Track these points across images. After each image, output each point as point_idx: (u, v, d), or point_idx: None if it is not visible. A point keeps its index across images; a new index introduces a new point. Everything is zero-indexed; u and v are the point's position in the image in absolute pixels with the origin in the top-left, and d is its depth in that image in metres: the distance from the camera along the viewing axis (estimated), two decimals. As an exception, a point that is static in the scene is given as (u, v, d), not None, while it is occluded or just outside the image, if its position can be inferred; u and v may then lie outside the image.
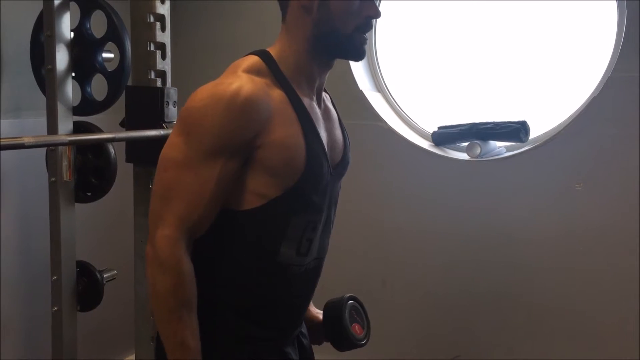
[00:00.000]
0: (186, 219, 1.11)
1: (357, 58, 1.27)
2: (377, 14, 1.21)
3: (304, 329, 1.42)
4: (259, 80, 1.14)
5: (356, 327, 1.42)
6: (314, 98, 1.27)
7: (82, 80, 2.03)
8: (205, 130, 1.10)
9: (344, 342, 1.40)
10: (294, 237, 1.20)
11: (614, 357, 2.21)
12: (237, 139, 1.11)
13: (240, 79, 1.13)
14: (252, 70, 1.16)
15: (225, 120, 1.09)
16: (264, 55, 1.21)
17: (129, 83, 1.94)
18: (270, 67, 1.19)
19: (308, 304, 1.38)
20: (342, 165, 1.33)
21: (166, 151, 1.15)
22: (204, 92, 1.12)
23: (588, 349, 2.27)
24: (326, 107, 1.34)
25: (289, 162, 1.15)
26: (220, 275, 1.21)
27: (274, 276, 1.22)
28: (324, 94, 1.34)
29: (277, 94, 1.17)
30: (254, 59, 1.20)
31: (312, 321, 1.47)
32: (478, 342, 2.49)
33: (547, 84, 2.53)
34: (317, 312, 1.49)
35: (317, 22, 1.19)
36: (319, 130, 1.23)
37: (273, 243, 1.19)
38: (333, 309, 1.43)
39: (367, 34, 1.24)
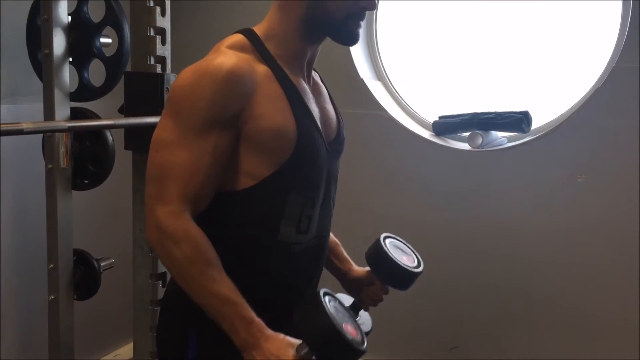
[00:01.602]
0: (186, 193, 1.10)
1: (350, 43, 1.24)
2: (373, 6, 1.20)
3: None
4: (242, 56, 1.14)
5: (404, 259, 1.41)
6: (304, 74, 1.25)
7: (80, 65, 2.00)
8: (193, 107, 1.10)
9: (402, 277, 1.38)
10: (293, 215, 1.19)
11: (613, 351, 2.21)
12: (224, 111, 1.10)
13: (222, 54, 1.13)
14: (235, 47, 1.17)
15: (211, 94, 1.09)
16: (248, 33, 1.21)
17: (128, 69, 1.91)
18: (255, 44, 1.18)
19: (312, 285, 1.34)
20: (337, 141, 1.31)
21: (157, 133, 1.14)
22: (188, 72, 1.12)
23: (586, 342, 2.26)
24: (315, 82, 1.32)
25: (278, 137, 1.14)
26: (221, 258, 1.18)
27: (275, 255, 1.21)
28: (313, 72, 1.32)
29: (261, 69, 1.16)
30: (237, 37, 1.20)
31: (361, 278, 1.47)
32: (476, 333, 2.48)
33: (549, 74, 2.51)
34: (362, 269, 1.49)
35: (311, 4, 1.17)
36: (310, 105, 1.21)
37: (272, 222, 1.18)
38: (374, 254, 1.40)
39: (362, 21, 1.21)
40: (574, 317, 2.29)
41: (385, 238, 1.44)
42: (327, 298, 1.10)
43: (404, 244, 1.50)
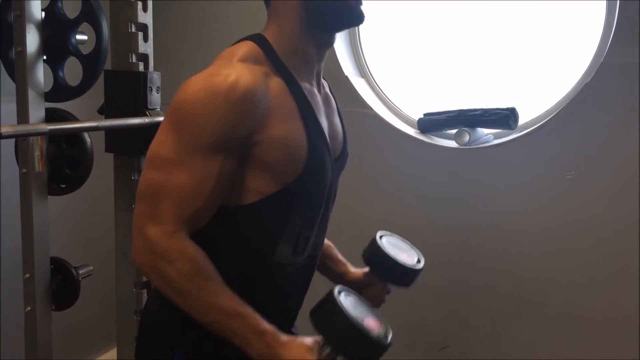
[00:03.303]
0: (183, 214, 1.02)
1: (358, 21, 1.17)
2: None
3: (295, 330, 1.34)
4: (257, 70, 1.06)
5: (404, 256, 1.37)
6: (314, 83, 1.19)
7: (54, 63, 1.90)
8: (200, 127, 1.01)
9: (404, 275, 1.36)
10: (291, 235, 1.13)
11: (604, 351, 2.20)
12: (233, 136, 1.02)
13: (237, 70, 1.04)
14: (249, 59, 1.08)
15: (222, 116, 1.00)
16: (260, 40, 1.12)
17: (107, 67, 1.82)
18: (268, 54, 1.10)
19: (301, 303, 1.30)
20: (342, 157, 1.27)
21: (156, 149, 1.04)
22: (197, 84, 1.03)
23: (577, 342, 2.26)
24: (326, 93, 1.26)
25: (289, 159, 1.08)
26: None
27: (268, 276, 1.15)
28: (322, 80, 1.26)
29: (276, 83, 1.08)
30: (250, 46, 1.11)
31: (360, 280, 1.42)
32: (466, 334, 2.46)
33: (533, 70, 2.50)
34: (359, 270, 1.45)
35: (305, 2, 1.11)
36: (321, 120, 1.15)
37: (269, 241, 1.12)
38: (373, 255, 1.36)
39: None
40: (565, 316, 2.28)
41: (381, 237, 1.40)
42: (342, 295, 1.05)
43: (401, 240, 1.45)
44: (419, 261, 1.40)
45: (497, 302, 2.39)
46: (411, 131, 2.55)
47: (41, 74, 1.80)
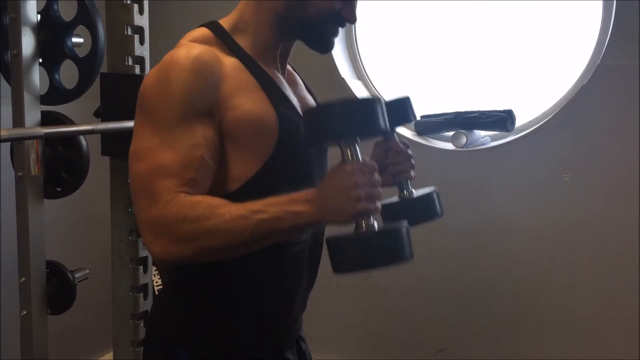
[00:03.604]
0: (177, 186, 0.97)
1: (324, 50, 1.15)
2: (353, 19, 1.12)
3: (302, 333, 1.33)
4: (206, 47, 1.06)
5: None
6: (278, 67, 1.17)
7: (50, 66, 1.88)
8: (166, 102, 1.00)
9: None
10: None
11: (601, 350, 2.20)
12: (200, 99, 1.01)
13: (184, 47, 1.05)
14: (197, 40, 1.08)
15: (182, 84, 1.00)
16: (212, 26, 1.13)
17: (104, 70, 1.81)
18: (220, 37, 1.10)
19: (307, 293, 1.26)
20: None
21: (134, 144, 1.02)
22: (152, 71, 1.05)
23: (575, 341, 2.26)
24: (290, 72, 1.25)
25: (258, 127, 1.05)
26: (210, 265, 1.07)
27: (270, 258, 1.10)
28: (288, 66, 1.24)
29: (229, 60, 1.07)
30: (200, 30, 1.12)
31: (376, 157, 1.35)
32: (463, 335, 2.46)
33: (531, 71, 2.50)
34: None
35: (290, 3, 1.10)
36: (287, 93, 1.13)
37: None
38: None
39: (340, 28, 1.14)
40: (562, 316, 2.28)
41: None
42: None
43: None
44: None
45: (495, 302, 2.39)
46: (408, 133, 2.55)
47: (37, 77, 1.79)
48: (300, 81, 1.27)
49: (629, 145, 2.11)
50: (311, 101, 1.25)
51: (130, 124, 1.68)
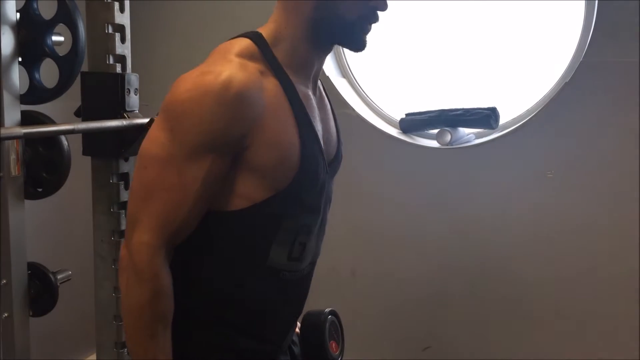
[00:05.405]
0: (166, 225, 1.01)
1: (358, 48, 1.15)
2: (385, 6, 1.11)
3: (294, 337, 1.33)
4: (252, 68, 1.02)
5: (333, 345, 1.34)
6: (310, 86, 1.16)
7: (30, 65, 1.86)
8: (191, 126, 0.98)
9: (319, 357, 1.33)
10: (285, 240, 1.10)
11: (592, 350, 2.21)
12: (226, 136, 0.99)
13: (230, 66, 1.00)
14: (244, 55, 1.04)
15: (214, 116, 0.97)
16: (256, 38, 1.09)
17: (84, 69, 1.79)
18: (264, 52, 1.07)
19: (300, 313, 1.28)
20: (336, 161, 1.24)
21: (147, 146, 1.02)
22: (189, 82, 1.00)
23: (564, 341, 2.27)
24: (321, 95, 1.24)
25: (281, 163, 1.05)
26: (203, 283, 1.10)
27: (263, 282, 1.11)
28: (319, 82, 1.24)
29: (270, 83, 1.05)
30: (245, 42, 1.07)
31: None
32: (450, 333, 2.46)
33: (514, 69, 2.51)
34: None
35: (319, 5, 1.08)
36: (315, 124, 1.12)
37: (262, 246, 1.09)
38: (313, 324, 1.34)
39: (373, 24, 1.13)
40: (548, 315, 2.29)
41: (329, 314, 1.36)
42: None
43: (340, 327, 1.40)
44: (337, 358, 1.36)
45: (481, 301, 2.40)
46: (393, 131, 2.55)
47: (16, 76, 1.77)
48: (328, 106, 1.27)
49: (612, 142, 2.13)
50: (333, 129, 1.25)
51: (111, 123, 1.67)
